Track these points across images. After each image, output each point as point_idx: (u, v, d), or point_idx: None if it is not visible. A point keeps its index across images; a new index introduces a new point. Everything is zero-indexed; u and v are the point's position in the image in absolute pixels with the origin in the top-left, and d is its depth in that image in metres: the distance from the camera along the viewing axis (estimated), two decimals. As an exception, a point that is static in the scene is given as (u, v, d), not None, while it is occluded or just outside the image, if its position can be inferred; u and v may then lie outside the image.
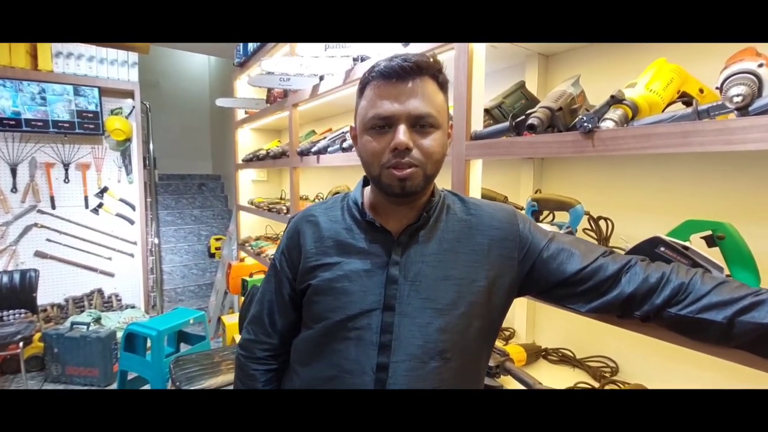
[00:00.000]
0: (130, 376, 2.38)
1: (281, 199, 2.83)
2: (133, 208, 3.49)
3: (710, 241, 0.72)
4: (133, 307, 3.47)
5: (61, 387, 2.59)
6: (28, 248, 3.11)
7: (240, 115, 3.09)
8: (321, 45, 1.52)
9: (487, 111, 1.11)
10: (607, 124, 0.75)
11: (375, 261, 0.64)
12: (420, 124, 0.61)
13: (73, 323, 2.72)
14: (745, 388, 0.84)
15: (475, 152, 1.01)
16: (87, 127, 3.09)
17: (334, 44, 1.47)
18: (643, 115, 0.77)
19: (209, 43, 4.47)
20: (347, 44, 1.49)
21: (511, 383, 1.00)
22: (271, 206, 2.43)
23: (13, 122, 2.86)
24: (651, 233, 0.72)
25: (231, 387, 1.14)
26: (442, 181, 0.99)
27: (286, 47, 2.26)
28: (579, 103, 0.96)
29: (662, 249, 0.69)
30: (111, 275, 3.44)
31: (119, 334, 2.74)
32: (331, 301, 0.64)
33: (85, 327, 2.66)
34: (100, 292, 3.38)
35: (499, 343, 1.15)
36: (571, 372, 1.10)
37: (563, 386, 0.95)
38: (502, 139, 0.96)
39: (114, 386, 2.53)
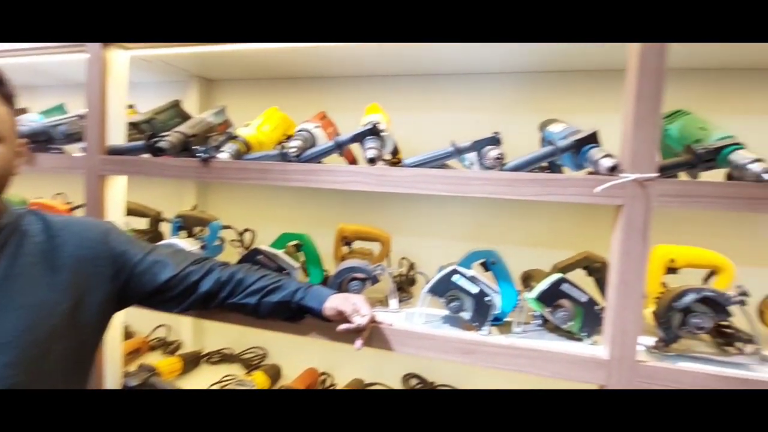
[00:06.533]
0: None
1: None
2: None
3: (297, 248, 0.99)
4: None
5: None
6: None
7: None
8: None
9: (134, 125, 1.08)
10: (223, 156, 0.90)
11: None
12: None
13: None
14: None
15: (112, 168, 0.97)
16: None
17: None
18: (254, 150, 0.96)
19: None
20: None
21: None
22: None
23: None
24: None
25: None
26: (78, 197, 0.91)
27: None
28: (219, 131, 1.09)
29: (260, 256, 0.90)
30: None
31: None
32: None
33: None
34: None
35: (150, 359, 1.15)
36: (227, 368, 1.23)
37: (213, 381, 1.05)
38: (140, 157, 0.96)
39: None
